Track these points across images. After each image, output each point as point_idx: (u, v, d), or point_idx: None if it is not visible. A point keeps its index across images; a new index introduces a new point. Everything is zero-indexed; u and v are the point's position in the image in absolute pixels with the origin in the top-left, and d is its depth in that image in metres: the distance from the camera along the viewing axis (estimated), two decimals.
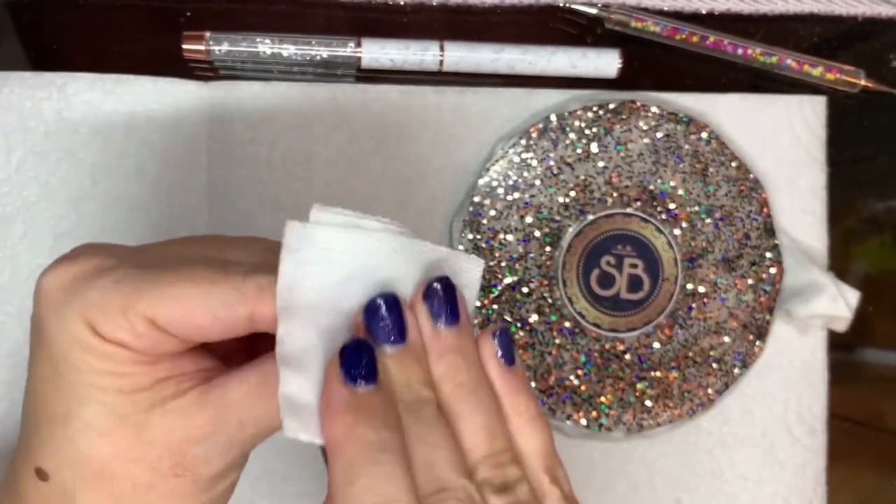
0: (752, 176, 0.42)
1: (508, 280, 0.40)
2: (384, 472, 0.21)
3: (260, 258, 0.25)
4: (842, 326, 0.42)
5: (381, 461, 0.22)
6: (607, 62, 0.42)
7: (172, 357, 0.24)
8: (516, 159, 0.40)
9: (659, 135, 0.41)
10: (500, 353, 0.25)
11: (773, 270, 0.42)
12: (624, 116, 0.41)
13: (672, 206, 0.41)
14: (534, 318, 0.41)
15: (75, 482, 0.24)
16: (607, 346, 0.41)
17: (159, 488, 0.24)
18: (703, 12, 0.43)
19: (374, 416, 0.22)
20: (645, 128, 0.41)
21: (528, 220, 0.41)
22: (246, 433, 0.25)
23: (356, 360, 0.23)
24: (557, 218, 0.41)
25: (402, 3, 0.42)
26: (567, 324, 0.41)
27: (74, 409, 0.24)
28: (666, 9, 0.43)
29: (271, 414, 0.24)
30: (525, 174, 0.41)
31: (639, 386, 0.41)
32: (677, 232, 0.41)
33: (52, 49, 0.41)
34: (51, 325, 0.24)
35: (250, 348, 0.27)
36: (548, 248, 0.41)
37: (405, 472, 0.22)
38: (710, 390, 0.41)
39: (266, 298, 0.23)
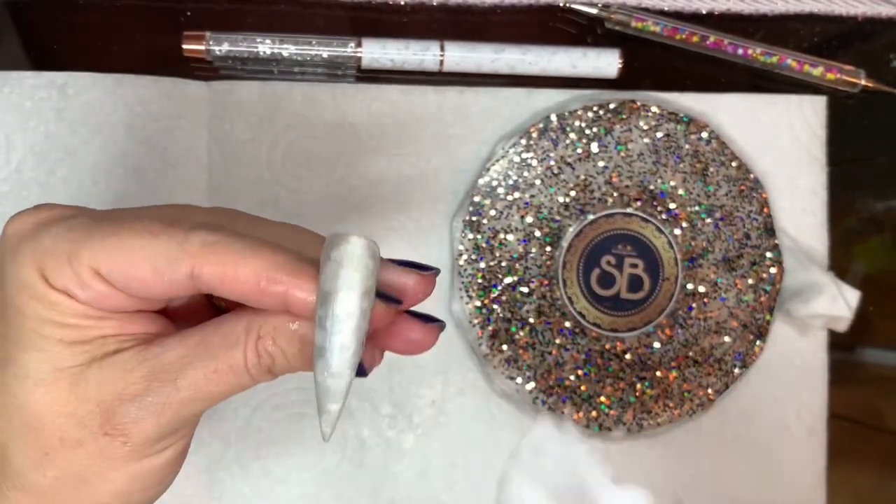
0: (752, 176, 0.42)
1: (508, 280, 0.40)
2: None
3: (224, 222, 0.24)
4: (842, 326, 0.42)
5: None
6: (607, 62, 0.42)
7: (121, 316, 0.24)
8: (516, 159, 0.40)
9: (659, 135, 0.41)
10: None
11: (773, 270, 0.42)
12: (624, 116, 0.41)
13: (672, 205, 0.41)
14: (534, 318, 0.41)
15: (8, 433, 0.24)
16: (607, 346, 0.41)
17: (88, 446, 0.24)
18: (703, 12, 0.43)
19: None
20: (645, 128, 0.41)
21: (529, 219, 0.41)
22: (181, 395, 0.24)
23: None
24: (557, 218, 0.41)
25: (402, 3, 0.42)
26: (567, 324, 0.41)
27: (14, 354, 0.23)
28: (666, 9, 0.43)
29: (208, 378, 0.24)
30: (525, 174, 0.41)
31: (639, 386, 0.41)
32: (677, 232, 0.41)
33: (52, 49, 0.41)
34: (5, 269, 0.24)
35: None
36: (548, 248, 0.41)
37: None
38: (710, 390, 0.41)
39: (209, 256, 0.23)
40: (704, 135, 0.41)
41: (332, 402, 0.23)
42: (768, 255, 0.42)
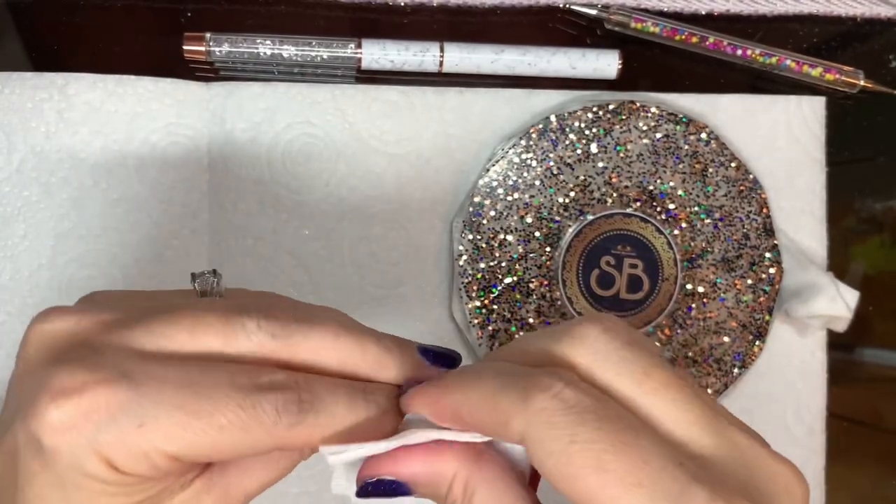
0: (751, 176, 0.42)
1: (508, 280, 0.41)
2: None
3: (277, 331, 0.25)
4: (841, 326, 0.42)
5: None
6: (607, 63, 0.42)
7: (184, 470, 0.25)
8: (516, 160, 0.41)
9: (658, 135, 0.41)
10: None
11: (772, 270, 0.42)
12: (623, 117, 0.41)
13: (671, 206, 0.41)
14: (533, 318, 0.41)
15: None
16: None
17: None
18: (703, 13, 0.43)
19: None
20: (644, 128, 0.41)
21: (528, 220, 0.41)
22: (249, 497, 0.26)
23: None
24: (557, 218, 0.41)
25: (402, 3, 0.42)
26: None
27: None
28: (665, 9, 0.43)
29: (271, 478, 0.26)
30: (525, 174, 0.41)
31: None
32: (677, 232, 0.41)
33: (52, 49, 0.41)
34: (61, 460, 0.22)
35: None
36: (548, 249, 0.41)
37: None
38: (709, 390, 0.41)
39: (294, 434, 0.23)
40: (703, 135, 0.41)
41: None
42: (767, 255, 0.42)
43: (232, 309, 0.25)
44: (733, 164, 0.42)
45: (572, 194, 0.41)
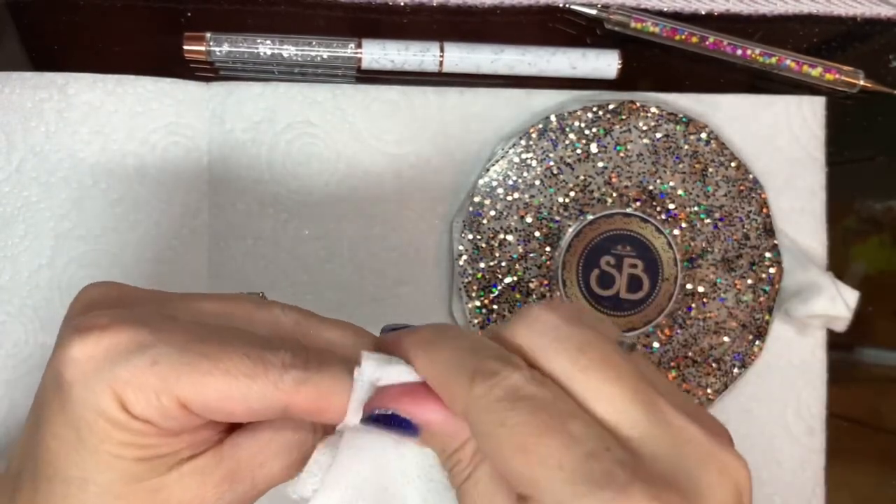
0: (751, 176, 0.42)
1: (508, 280, 0.41)
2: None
3: (290, 329, 0.26)
4: (841, 326, 0.42)
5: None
6: (607, 63, 0.42)
7: (194, 429, 0.25)
8: (516, 159, 0.41)
9: (658, 135, 0.41)
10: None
11: (772, 270, 0.42)
12: (623, 117, 0.41)
13: (671, 206, 0.41)
14: None
15: None
16: None
17: None
18: (703, 13, 0.43)
19: None
20: (644, 128, 0.41)
21: (528, 220, 0.41)
22: (257, 489, 0.26)
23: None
24: (557, 218, 0.41)
25: (402, 3, 0.42)
26: None
27: (92, 474, 0.24)
28: (665, 9, 0.43)
29: (283, 470, 0.26)
30: (525, 174, 0.41)
31: None
32: (677, 232, 0.41)
33: (52, 49, 0.41)
34: (77, 394, 0.23)
35: None
36: (548, 248, 0.41)
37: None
38: (709, 390, 0.41)
39: (302, 395, 0.24)
40: (703, 135, 0.41)
41: None
42: (767, 255, 0.42)
43: (264, 301, 0.27)
44: (733, 164, 0.42)
45: (572, 194, 0.41)
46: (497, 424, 0.21)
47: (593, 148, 0.41)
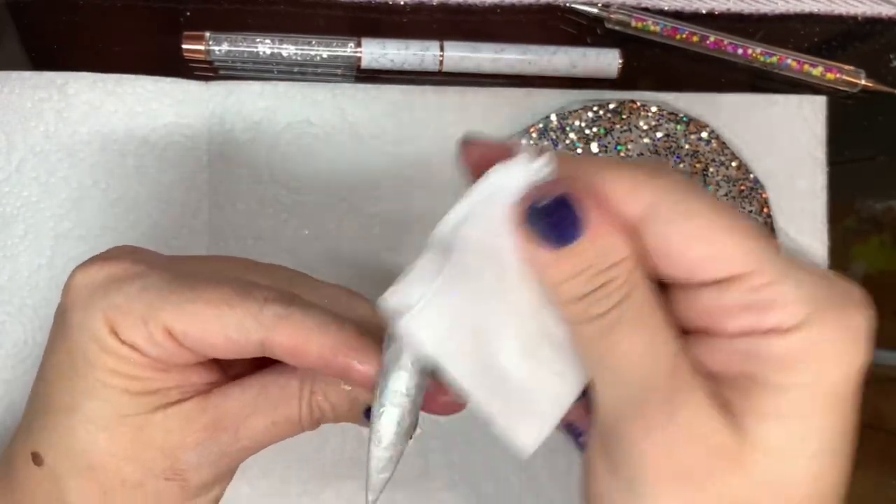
0: (752, 176, 0.42)
1: None
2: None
3: (284, 285, 0.26)
4: None
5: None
6: (607, 62, 0.42)
7: (183, 368, 0.25)
8: None
9: (659, 135, 0.41)
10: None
11: None
12: (624, 116, 0.41)
13: None
14: None
15: (69, 471, 0.25)
16: None
17: (147, 488, 0.25)
18: (703, 12, 0.43)
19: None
20: (645, 128, 0.41)
21: None
22: (240, 444, 0.26)
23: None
24: None
25: (402, 3, 0.42)
26: None
27: (80, 401, 0.24)
28: (666, 9, 0.43)
29: (267, 427, 0.26)
30: None
31: None
32: None
33: (52, 49, 0.41)
34: (74, 319, 0.24)
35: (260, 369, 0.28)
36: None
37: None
38: None
39: (281, 329, 0.24)
40: (704, 135, 0.41)
41: (383, 472, 0.25)
42: None
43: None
44: (734, 164, 0.42)
45: None
46: (690, 204, 0.21)
47: (594, 147, 0.41)
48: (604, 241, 0.21)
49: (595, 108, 0.41)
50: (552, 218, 0.21)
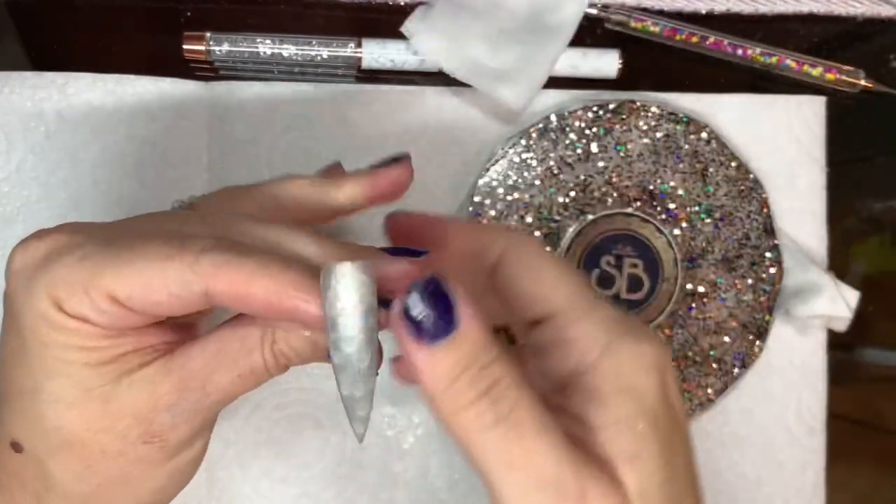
0: (751, 176, 0.42)
1: None
2: None
3: (223, 232, 0.25)
4: (841, 326, 0.42)
5: None
6: (607, 62, 0.42)
7: (137, 331, 0.25)
8: (516, 159, 0.40)
9: (659, 135, 0.41)
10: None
11: (772, 270, 0.42)
12: (624, 116, 0.41)
13: (672, 206, 0.41)
14: None
15: (47, 451, 0.25)
16: None
17: (129, 454, 0.25)
18: (703, 12, 0.43)
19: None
20: (645, 128, 0.41)
21: (528, 220, 0.41)
22: (210, 399, 0.25)
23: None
24: (557, 218, 0.41)
25: (402, 3, 0.42)
26: None
27: (42, 382, 0.24)
28: (666, 9, 0.43)
29: (233, 382, 0.25)
30: (525, 174, 0.41)
31: None
32: (677, 232, 0.41)
33: (52, 49, 0.41)
34: (19, 301, 0.24)
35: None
36: (548, 248, 0.41)
37: None
38: (709, 390, 0.41)
39: (221, 277, 0.23)
40: (704, 135, 0.41)
41: (361, 409, 0.24)
42: (768, 255, 0.42)
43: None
44: (734, 164, 0.42)
45: (572, 194, 0.41)
46: (531, 254, 0.28)
47: (594, 147, 0.41)
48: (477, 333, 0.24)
49: (595, 109, 0.41)
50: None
